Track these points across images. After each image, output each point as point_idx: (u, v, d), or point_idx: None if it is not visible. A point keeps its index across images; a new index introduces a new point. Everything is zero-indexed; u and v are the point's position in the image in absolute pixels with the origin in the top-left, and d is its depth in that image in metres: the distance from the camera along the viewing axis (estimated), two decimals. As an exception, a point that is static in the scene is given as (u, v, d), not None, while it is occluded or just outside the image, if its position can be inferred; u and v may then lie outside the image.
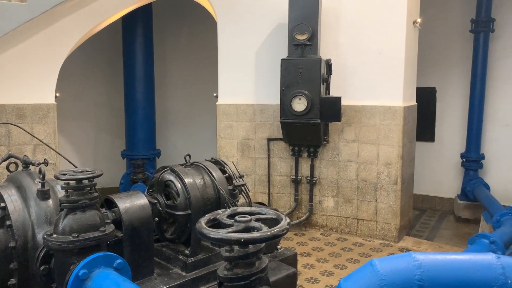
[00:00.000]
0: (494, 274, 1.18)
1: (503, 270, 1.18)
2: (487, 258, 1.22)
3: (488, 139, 7.80)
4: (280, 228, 1.41)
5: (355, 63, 5.71)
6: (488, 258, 1.22)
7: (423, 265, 1.20)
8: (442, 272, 1.19)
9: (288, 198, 6.12)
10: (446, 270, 1.20)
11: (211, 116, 6.89)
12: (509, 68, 7.50)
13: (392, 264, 1.25)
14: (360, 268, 1.33)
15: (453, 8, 7.93)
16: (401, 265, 1.22)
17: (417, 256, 1.25)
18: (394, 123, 5.57)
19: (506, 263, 1.20)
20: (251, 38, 6.03)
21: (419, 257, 1.25)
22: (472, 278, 1.19)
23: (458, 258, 1.26)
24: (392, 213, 5.66)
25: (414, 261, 1.22)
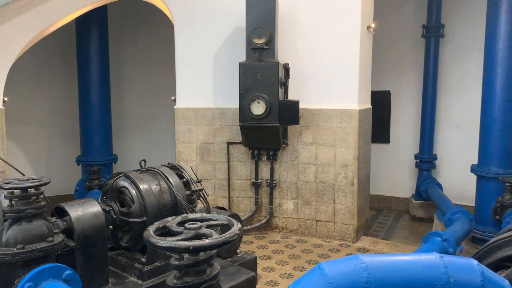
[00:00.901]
0: (437, 274, 1.21)
1: (445, 269, 1.22)
2: (430, 258, 1.26)
3: (440, 140, 8.13)
4: (231, 234, 1.40)
5: (312, 67, 5.79)
6: (431, 258, 1.26)
7: (369, 267, 1.22)
8: (388, 274, 1.22)
9: (248, 202, 6.11)
10: (392, 272, 1.23)
11: (170, 120, 6.79)
12: (459, 71, 7.84)
13: (339, 267, 1.26)
14: (309, 272, 1.33)
15: (405, 14, 8.22)
16: (348, 268, 1.24)
17: (364, 258, 1.27)
18: (350, 126, 5.69)
19: (449, 262, 1.24)
20: (209, 41, 6.00)
21: (366, 259, 1.27)
22: (417, 278, 1.22)
23: (403, 259, 1.29)
24: (350, 214, 5.78)
25: (361, 264, 1.24)
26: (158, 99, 8.55)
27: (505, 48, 5.79)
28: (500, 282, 1.25)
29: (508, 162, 5.98)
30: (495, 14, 5.85)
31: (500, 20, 5.79)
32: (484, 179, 6.07)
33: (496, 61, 5.86)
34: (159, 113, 8.66)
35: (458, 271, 1.23)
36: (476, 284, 1.20)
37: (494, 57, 5.88)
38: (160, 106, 8.52)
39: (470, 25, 7.49)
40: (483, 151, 6.13)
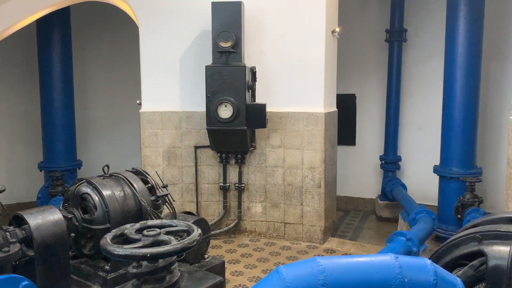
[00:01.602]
0: (393, 274, 1.24)
1: (400, 270, 1.25)
2: (385, 259, 1.29)
3: (404, 142, 8.34)
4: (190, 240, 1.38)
5: (279, 70, 5.83)
6: (386, 259, 1.29)
7: (326, 269, 1.24)
8: (344, 275, 1.23)
9: (216, 206, 6.08)
10: (348, 273, 1.24)
11: (136, 124, 6.68)
12: (421, 75, 8.08)
13: (297, 270, 1.27)
14: (267, 276, 1.33)
15: (369, 19, 8.41)
16: (305, 270, 1.25)
17: (321, 261, 1.29)
18: (316, 129, 5.75)
19: (403, 263, 1.27)
20: (175, 44, 5.94)
21: (323, 261, 1.28)
22: (373, 279, 1.25)
23: (360, 261, 1.32)
24: (317, 216, 5.83)
25: (318, 266, 1.25)
26: (123, 102, 8.39)
27: (464, 52, 6.01)
28: (452, 280, 1.29)
29: (468, 162, 6.21)
30: (454, 19, 6.07)
31: (458, 26, 6.01)
32: (446, 179, 6.28)
33: (455, 65, 6.08)
34: (125, 117, 8.50)
35: (412, 271, 1.26)
36: (430, 283, 1.24)
37: (454, 61, 6.09)
38: (126, 110, 8.37)
39: (432, 30, 7.73)
40: (445, 152, 6.34)
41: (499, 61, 7.07)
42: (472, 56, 6.01)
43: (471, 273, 1.91)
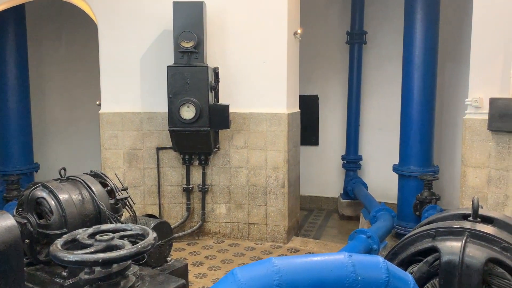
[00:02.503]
0: (346, 272, 1.26)
1: (353, 268, 1.27)
2: (339, 258, 1.31)
3: (365, 141, 8.53)
4: (144, 244, 1.35)
5: (243, 71, 5.83)
6: (340, 258, 1.31)
7: (281, 270, 1.24)
8: (299, 275, 1.24)
9: (180, 208, 6.00)
10: (303, 273, 1.25)
11: (96, 125, 6.50)
12: (380, 76, 8.28)
13: (252, 271, 1.27)
14: (222, 278, 1.32)
15: (331, 21, 8.55)
16: (260, 272, 1.25)
17: (276, 261, 1.29)
18: (279, 129, 5.79)
19: (357, 261, 1.30)
20: (136, 43, 5.83)
21: (278, 262, 1.28)
22: (327, 278, 1.26)
23: (314, 260, 1.33)
24: (281, 215, 5.87)
25: (273, 267, 1.26)
26: (83, 103, 8.15)
27: (421, 54, 6.21)
28: (404, 277, 1.33)
29: (426, 161, 6.41)
30: (411, 22, 6.25)
31: (416, 29, 6.20)
32: (405, 177, 6.46)
33: (413, 67, 6.27)
34: (84, 119, 8.26)
35: (365, 269, 1.29)
36: (382, 280, 1.27)
37: (411, 63, 6.28)
38: (85, 111, 8.13)
39: (390, 33, 7.94)
40: (403, 152, 6.53)
41: (454, 62, 7.35)
42: (429, 58, 6.22)
43: (426, 269, 1.97)
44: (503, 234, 2.00)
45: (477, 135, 4.56)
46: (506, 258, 1.86)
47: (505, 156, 4.33)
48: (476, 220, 2.09)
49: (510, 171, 4.30)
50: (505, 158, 4.33)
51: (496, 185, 4.43)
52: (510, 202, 4.33)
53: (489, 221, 2.14)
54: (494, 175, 4.44)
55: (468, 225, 2.02)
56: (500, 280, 1.83)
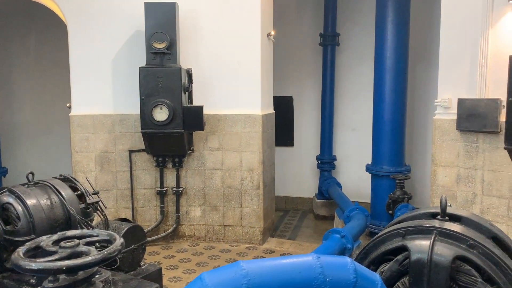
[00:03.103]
0: (314, 274, 1.27)
1: (321, 269, 1.28)
2: (307, 260, 1.31)
3: (338, 142, 8.62)
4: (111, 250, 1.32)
5: (216, 73, 5.80)
6: (308, 260, 1.31)
7: (249, 273, 1.23)
8: (267, 278, 1.24)
9: (154, 211, 5.92)
10: (271, 276, 1.25)
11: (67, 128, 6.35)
12: (353, 78, 8.39)
13: (220, 276, 1.26)
14: (190, 283, 1.31)
15: (304, 23, 8.61)
16: (229, 276, 1.24)
17: (244, 265, 1.28)
18: (254, 131, 5.79)
19: (325, 262, 1.30)
20: (107, 44, 5.73)
21: (246, 265, 1.28)
22: (295, 280, 1.26)
23: (282, 262, 1.33)
24: (256, 217, 5.87)
25: (241, 270, 1.25)
26: (53, 106, 7.96)
27: (392, 56, 6.32)
28: (371, 277, 1.34)
29: (398, 161, 6.53)
30: (382, 25, 6.36)
31: (387, 31, 6.31)
32: (378, 177, 6.56)
33: (384, 68, 6.37)
34: (54, 121, 8.06)
35: (333, 270, 1.29)
36: (350, 281, 1.28)
37: (383, 65, 6.38)
38: (55, 114, 7.94)
39: (362, 35, 8.06)
40: (376, 151, 6.62)
41: (424, 64, 7.52)
42: (400, 60, 6.34)
43: (396, 268, 2.00)
44: (470, 232, 2.05)
45: (446, 135, 4.67)
46: (473, 255, 1.90)
47: (473, 155, 4.45)
48: (444, 218, 2.13)
49: (478, 170, 4.42)
50: (473, 157, 4.45)
51: (464, 184, 4.55)
52: (478, 200, 4.46)
53: (457, 219, 2.19)
54: (463, 174, 4.56)
55: (437, 224, 2.06)
56: (466, 276, 1.87)
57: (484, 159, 4.37)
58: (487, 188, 4.36)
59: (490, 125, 4.21)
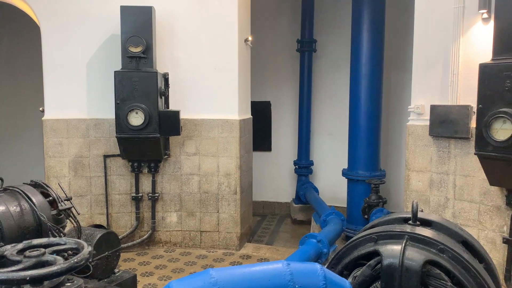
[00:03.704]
0: (284, 281, 1.27)
1: (291, 277, 1.28)
2: (277, 267, 1.31)
3: (316, 147, 8.69)
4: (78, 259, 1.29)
5: (194, 77, 5.77)
6: (278, 267, 1.31)
7: (219, 281, 1.23)
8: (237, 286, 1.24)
9: (129, 217, 5.83)
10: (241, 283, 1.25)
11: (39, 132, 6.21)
12: (329, 83, 8.49)
13: (189, 284, 1.25)
14: (160, 293, 1.29)
15: (282, 29, 8.67)
16: (197, 284, 1.23)
17: (214, 273, 1.28)
18: (231, 136, 5.78)
19: (294, 269, 1.31)
20: (82, 48, 5.63)
21: (215, 273, 1.27)
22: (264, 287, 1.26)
23: (252, 270, 1.33)
24: (233, 222, 5.85)
25: (210, 279, 1.24)
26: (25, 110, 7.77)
27: (367, 63, 6.42)
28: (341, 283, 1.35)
29: (373, 165, 6.62)
30: (358, 32, 6.46)
31: (362, 38, 6.41)
32: (354, 181, 6.64)
33: (360, 75, 6.47)
34: (26, 125, 7.87)
35: (303, 277, 1.30)
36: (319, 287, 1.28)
37: (359, 71, 6.48)
38: (27, 118, 7.75)
39: (339, 41, 8.16)
40: (352, 156, 6.71)
41: (399, 71, 7.66)
42: (375, 66, 6.45)
43: (369, 273, 2.02)
44: (440, 236, 2.09)
45: (419, 141, 4.76)
46: (443, 260, 1.93)
47: (445, 160, 4.55)
48: (415, 223, 2.16)
49: (450, 175, 4.52)
50: (445, 163, 4.55)
51: (437, 188, 4.64)
52: (450, 204, 4.55)
53: (428, 224, 2.23)
54: (436, 179, 4.65)
55: (408, 229, 2.09)
56: (437, 280, 1.90)
57: (456, 165, 4.47)
58: (458, 192, 4.46)
59: (461, 131, 4.31)
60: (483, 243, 4.24)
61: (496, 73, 3.65)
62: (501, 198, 4.11)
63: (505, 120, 3.55)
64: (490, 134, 3.66)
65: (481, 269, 2.00)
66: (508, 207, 4.02)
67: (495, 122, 3.63)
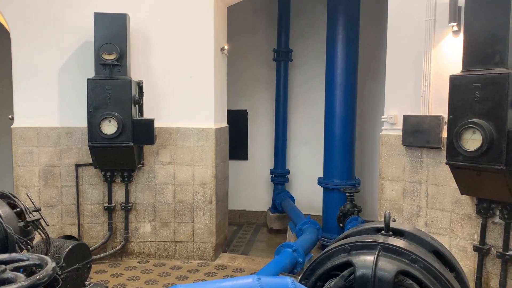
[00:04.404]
0: (254, 296, 1.25)
1: (262, 292, 1.26)
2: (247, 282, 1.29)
3: (292, 155, 8.73)
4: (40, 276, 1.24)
5: (169, 85, 5.72)
6: (249, 282, 1.29)
7: (186, 298, 1.20)
8: (206, 303, 1.21)
9: (101, 228, 5.70)
10: (210, 300, 1.22)
11: (8, 141, 6.02)
12: (306, 93, 8.56)
13: (156, 302, 1.21)
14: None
15: (258, 38, 8.72)
16: (165, 302, 1.19)
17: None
18: (207, 144, 5.74)
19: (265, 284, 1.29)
20: (54, 54, 5.51)
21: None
22: (235, 303, 1.24)
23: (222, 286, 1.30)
24: (209, 232, 5.78)
25: (178, 296, 1.21)
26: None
27: (342, 73, 6.51)
28: (312, 297, 1.34)
29: (348, 174, 6.69)
30: (333, 42, 6.55)
31: (337, 48, 6.50)
32: (329, 190, 6.69)
33: (335, 85, 6.55)
34: (-5, 133, 7.64)
35: (273, 292, 1.28)
36: (290, 302, 1.27)
37: (334, 81, 6.56)
38: (-4, 125, 7.52)
39: (315, 51, 8.26)
40: (327, 165, 6.76)
41: (373, 81, 7.79)
42: (349, 76, 6.54)
43: (342, 283, 2.01)
44: (412, 246, 2.10)
45: (392, 150, 4.83)
46: (415, 270, 1.94)
47: (417, 169, 4.62)
48: (388, 233, 2.18)
49: (422, 184, 4.59)
50: (418, 172, 4.62)
51: (410, 197, 4.71)
52: (423, 213, 4.62)
53: (400, 234, 2.25)
54: (409, 188, 4.72)
55: (381, 239, 2.10)
56: (409, 291, 1.91)
57: (428, 174, 4.54)
58: (431, 201, 4.53)
59: (433, 141, 4.39)
60: (455, 251, 4.32)
61: (465, 85, 3.74)
62: (471, 206, 4.20)
63: (475, 130, 3.63)
64: (461, 144, 3.73)
65: (451, 278, 2.02)
66: (478, 216, 4.11)
67: (465, 132, 3.71)
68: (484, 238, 4.07)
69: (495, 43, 3.63)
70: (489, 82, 3.60)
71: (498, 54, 3.62)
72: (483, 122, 3.60)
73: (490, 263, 4.07)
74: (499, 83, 3.54)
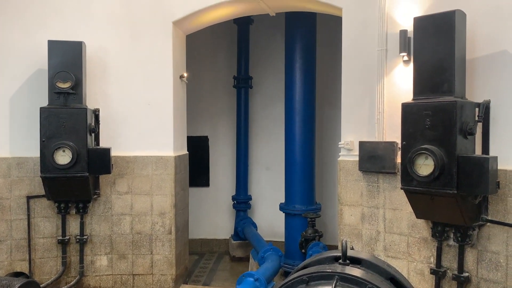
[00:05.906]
0: None
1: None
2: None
3: (254, 181, 8.72)
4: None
5: (126, 113, 5.62)
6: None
7: None
8: None
9: (54, 263, 5.42)
10: None
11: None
12: (266, 119, 8.65)
13: None
14: None
15: (219, 66, 8.80)
16: None
17: None
18: (166, 173, 5.64)
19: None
20: (4, 82, 5.31)
21: None
22: None
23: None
24: (168, 264, 5.62)
25: None
26: None
27: (300, 100, 6.63)
28: None
29: (309, 199, 6.73)
30: (291, 70, 6.68)
31: (295, 76, 6.64)
32: (290, 216, 6.70)
33: (294, 111, 6.65)
34: None
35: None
36: None
37: (292, 107, 6.67)
38: None
39: (274, 78, 8.39)
40: (288, 191, 6.79)
41: (330, 107, 7.98)
42: (308, 103, 6.67)
43: (301, 316, 1.99)
44: (369, 275, 2.11)
45: (350, 175, 4.92)
46: (371, 299, 1.95)
47: (374, 194, 4.72)
48: (345, 262, 2.18)
49: (380, 209, 4.68)
50: (375, 197, 4.72)
51: (369, 222, 4.78)
52: (381, 237, 4.69)
53: (358, 262, 2.26)
54: (367, 213, 4.79)
55: (338, 269, 2.10)
56: (366, 321, 1.91)
57: (384, 198, 4.64)
58: (388, 226, 4.62)
59: (388, 166, 4.51)
60: (413, 275, 4.39)
61: (416, 112, 3.89)
62: (427, 230, 4.30)
63: (427, 156, 3.76)
64: (414, 170, 3.84)
65: (407, 306, 2.04)
66: (434, 239, 4.21)
67: (418, 158, 3.83)
68: (440, 261, 4.16)
69: (442, 72, 3.81)
70: (438, 110, 3.75)
71: (446, 83, 3.80)
72: (434, 148, 3.73)
73: (447, 285, 4.16)
74: (447, 111, 3.70)
